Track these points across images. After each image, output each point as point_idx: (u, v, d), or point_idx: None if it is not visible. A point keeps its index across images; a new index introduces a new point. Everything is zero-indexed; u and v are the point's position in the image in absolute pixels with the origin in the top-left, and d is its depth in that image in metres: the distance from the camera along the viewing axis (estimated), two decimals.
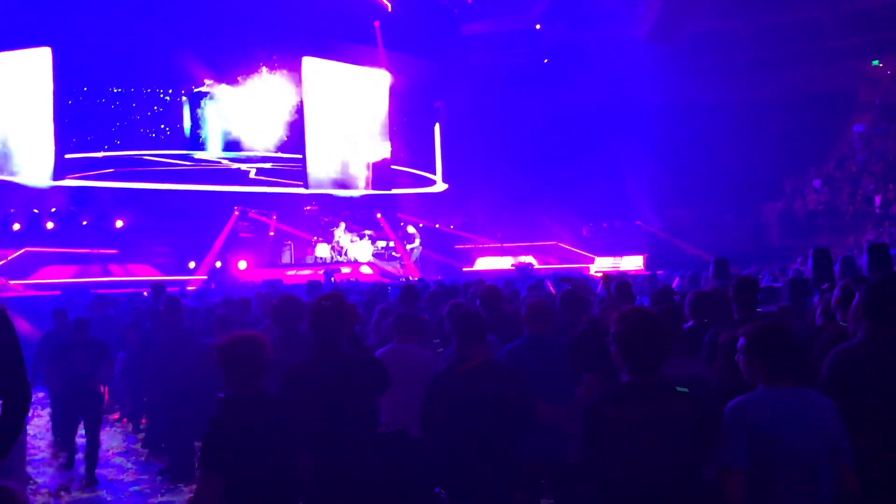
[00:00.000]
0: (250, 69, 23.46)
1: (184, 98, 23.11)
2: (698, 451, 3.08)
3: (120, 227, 20.01)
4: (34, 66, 20.38)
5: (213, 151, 23.67)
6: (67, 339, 7.80)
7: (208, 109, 23.44)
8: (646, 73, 25.97)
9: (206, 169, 23.21)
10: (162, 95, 22.89)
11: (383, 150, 25.92)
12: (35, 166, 20.33)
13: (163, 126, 22.85)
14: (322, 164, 24.43)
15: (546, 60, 28.30)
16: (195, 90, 23.13)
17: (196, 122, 23.29)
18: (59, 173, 20.40)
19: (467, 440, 4.03)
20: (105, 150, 21.71)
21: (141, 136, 22.27)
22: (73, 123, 21.27)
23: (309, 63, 24.17)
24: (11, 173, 20.17)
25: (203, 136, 23.44)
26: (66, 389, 7.56)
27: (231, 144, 23.79)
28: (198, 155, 23.03)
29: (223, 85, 23.42)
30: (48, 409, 9.13)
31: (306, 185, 23.90)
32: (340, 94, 25.12)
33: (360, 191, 24.81)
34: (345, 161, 24.87)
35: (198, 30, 21.55)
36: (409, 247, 22.65)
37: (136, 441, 9.14)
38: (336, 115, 24.93)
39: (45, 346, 8.36)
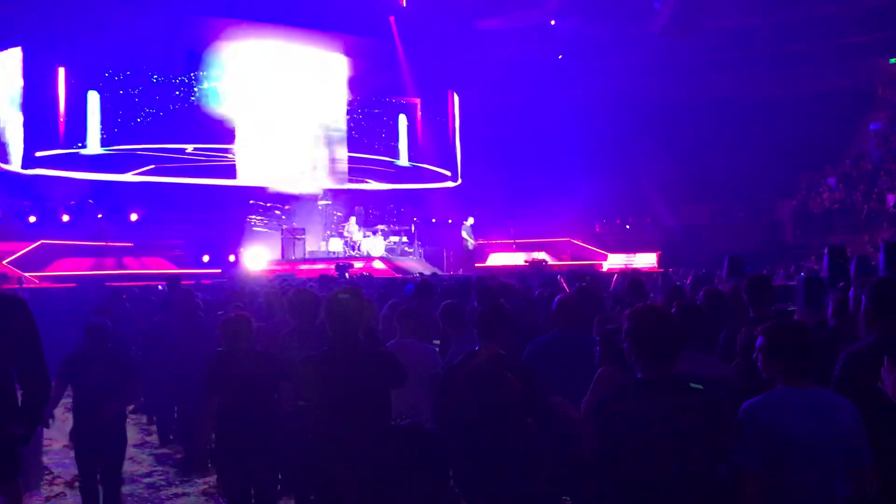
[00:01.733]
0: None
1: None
2: (711, 447, 3.05)
3: (135, 220, 20.17)
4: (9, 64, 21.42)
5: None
6: (83, 351, 6.01)
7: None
8: (660, 70, 25.86)
9: (220, 164, 23.36)
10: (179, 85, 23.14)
11: (338, 144, 26.02)
12: (14, 156, 21.21)
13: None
14: (259, 158, 24.47)
15: (560, 56, 28.25)
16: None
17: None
18: (27, 164, 21.04)
19: (478, 435, 4.04)
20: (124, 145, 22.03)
21: (159, 129, 22.55)
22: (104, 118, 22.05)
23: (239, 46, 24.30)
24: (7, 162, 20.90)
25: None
26: (81, 413, 5.92)
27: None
28: (190, 149, 23.20)
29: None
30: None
31: (234, 176, 23.97)
32: (281, 79, 25.10)
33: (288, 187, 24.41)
34: (287, 156, 24.95)
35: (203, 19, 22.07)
36: (469, 242, 22.60)
37: (150, 433, 9.20)
38: (279, 103, 25.05)
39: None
